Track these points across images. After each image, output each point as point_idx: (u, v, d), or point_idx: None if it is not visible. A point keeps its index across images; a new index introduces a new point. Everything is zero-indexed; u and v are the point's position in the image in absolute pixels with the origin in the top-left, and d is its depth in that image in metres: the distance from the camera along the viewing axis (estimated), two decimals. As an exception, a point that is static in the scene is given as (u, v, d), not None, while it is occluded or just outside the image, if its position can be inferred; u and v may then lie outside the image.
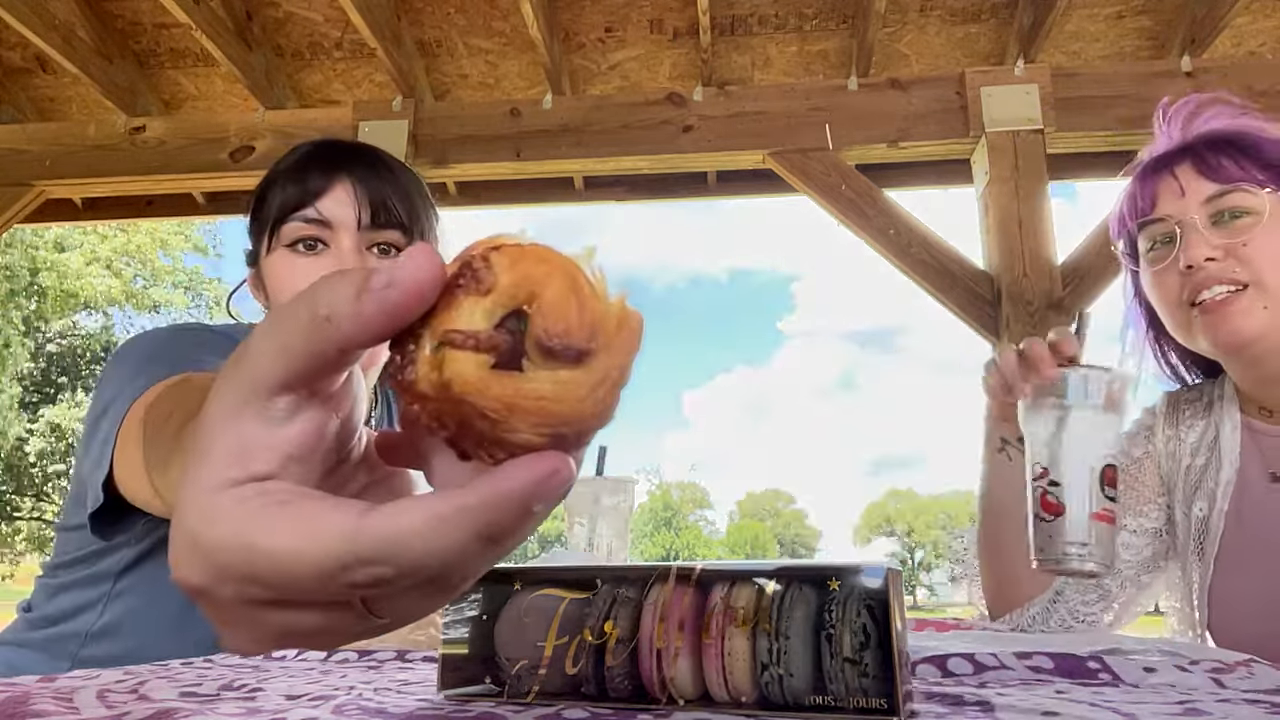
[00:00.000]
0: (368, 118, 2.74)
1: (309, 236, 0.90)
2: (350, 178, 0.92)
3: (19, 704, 0.39)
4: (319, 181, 0.91)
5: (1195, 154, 0.96)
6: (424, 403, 0.26)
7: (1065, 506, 0.77)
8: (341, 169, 0.92)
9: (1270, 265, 0.90)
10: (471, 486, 0.26)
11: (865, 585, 0.38)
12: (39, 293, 16.76)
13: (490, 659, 0.43)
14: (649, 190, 3.12)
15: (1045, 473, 0.79)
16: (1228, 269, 0.91)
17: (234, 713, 0.39)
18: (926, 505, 69.30)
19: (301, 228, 0.90)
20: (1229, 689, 0.49)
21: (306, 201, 0.90)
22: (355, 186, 0.91)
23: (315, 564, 0.26)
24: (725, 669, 0.39)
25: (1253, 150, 0.94)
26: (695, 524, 73.57)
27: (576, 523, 1.00)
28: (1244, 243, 0.91)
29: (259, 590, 0.27)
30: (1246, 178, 0.93)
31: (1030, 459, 0.82)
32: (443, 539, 0.25)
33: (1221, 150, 0.95)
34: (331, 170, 0.92)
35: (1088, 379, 0.79)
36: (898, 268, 2.49)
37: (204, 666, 0.58)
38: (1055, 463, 0.78)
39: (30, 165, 2.83)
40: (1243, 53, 2.62)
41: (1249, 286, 0.91)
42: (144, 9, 2.72)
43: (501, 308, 0.26)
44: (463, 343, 0.26)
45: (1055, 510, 0.78)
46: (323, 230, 0.91)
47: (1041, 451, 0.80)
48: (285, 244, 0.91)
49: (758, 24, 2.67)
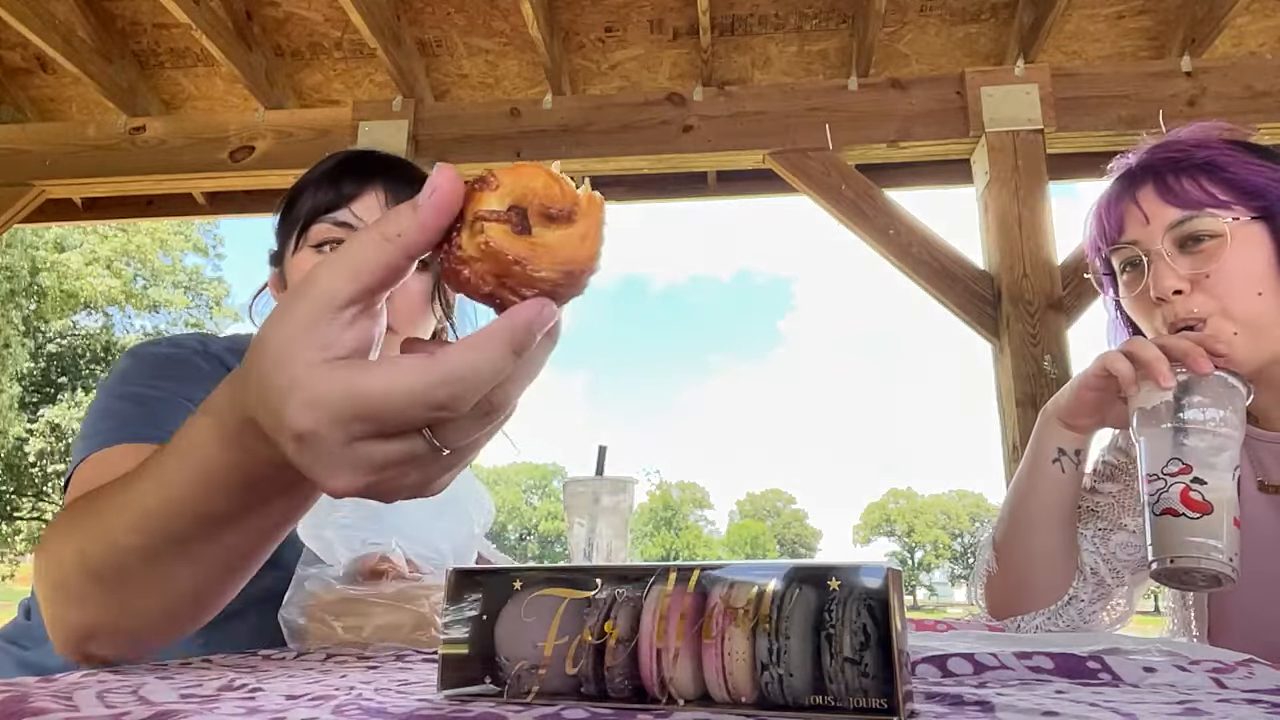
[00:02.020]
0: (368, 118, 2.74)
1: (337, 239, 0.93)
2: (382, 187, 0.95)
3: (19, 704, 0.39)
4: (352, 187, 0.94)
5: (1158, 176, 0.96)
6: (471, 264, 0.39)
7: (1212, 505, 0.76)
8: (375, 177, 0.95)
9: (1235, 293, 0.91)
10: (495, 321, 0.39)
11: (865, 585, 0.38)
12: (39, 293, 16.75)
13: (490, 659, 0.43)
14: (649, 190, 3.13)
15: (1187, 469, 0.78)
16: (1193, 304, 0.92)
17: (234, 713, 0.39)
18: (926, 505, 69.29)
19: (331, 229, 0.93)
20: (1229, 689, 0.49)
21: (338, 205, 0.93)
22: (386, 195, 0.95)
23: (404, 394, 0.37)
24: (725, 669, 0.39)
25: (1217, 171, 0.93)
26: (695, 524, 73.58)
27: (576, 523, 1.00)
28: (1207, 273, 0.91)
29: (360, 426, 0.38)
30: (1209, 201, 0.92)
31: (1157, 455, 0.81)
32: (484, 354, 0.38)
33: (1184, 172, 0.94)
34: (365, 178, 0.95)
35: (1235, 383, 0.80)
36: (898, 268, 2.49)
37: (203, 666, 0.58)
38: (1201, 461, 0.78)
39: (30, 165, 2.83)
40: (1243, 53, 2.62)
41: (1214, 316, 0.91)
42: (144, 9, 2.72)
43: (510, 197, 0.39)
44: (491, 217, 0.38)
45: (1201, 509, 0.77)
46: (350, 234, 0.93)
47: (1183, 449, 0.79)
48: (312, 244, 0.94)
49: (758, 24, 2.67)
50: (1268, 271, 0.91)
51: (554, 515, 66.39)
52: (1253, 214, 0.91)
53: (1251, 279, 0.91)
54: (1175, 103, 2.43)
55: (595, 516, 0.99)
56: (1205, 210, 0.92)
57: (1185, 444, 0.79)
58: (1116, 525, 1.05)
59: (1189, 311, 0.93)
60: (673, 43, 2.73)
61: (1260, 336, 0.91)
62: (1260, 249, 0.91)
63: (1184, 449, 0.79)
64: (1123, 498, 1.06)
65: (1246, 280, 0.91)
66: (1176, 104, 2.42)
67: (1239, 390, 0.81)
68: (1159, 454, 0.81)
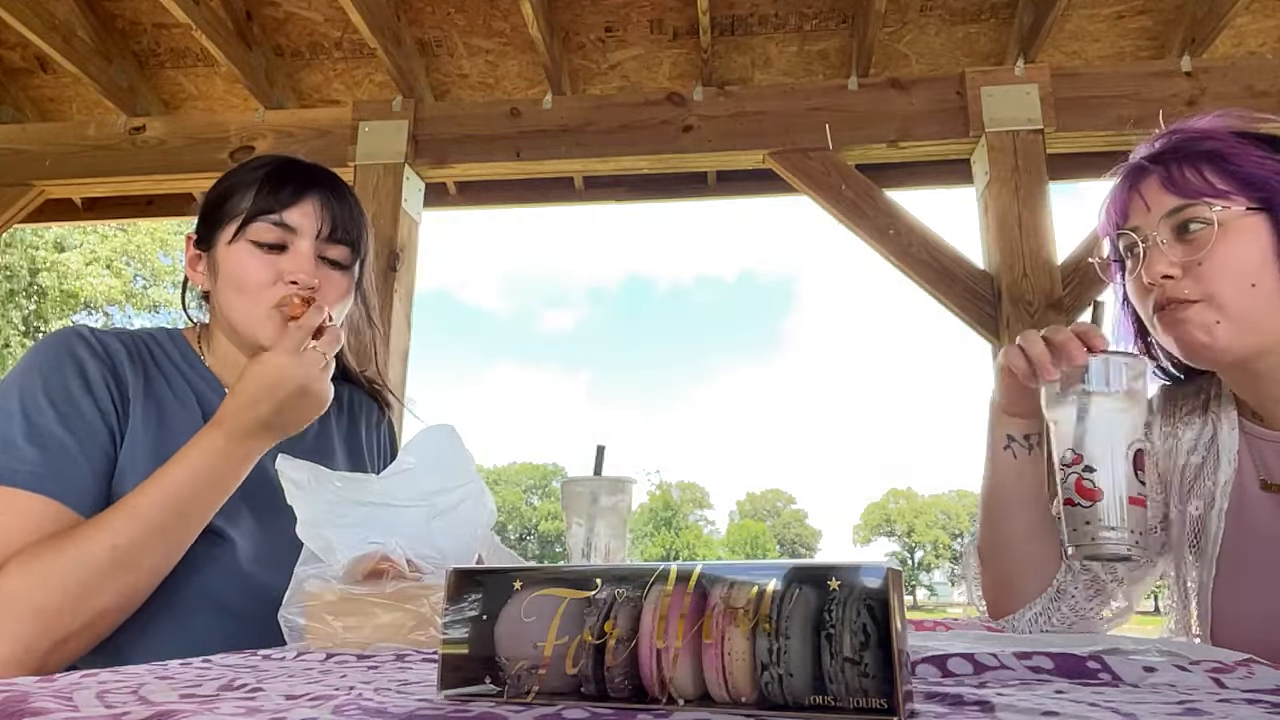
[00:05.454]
0: (368, 118, 2.73)
1: (275, 240, 1.03)
2: (319, 196, 1.06)
3: (19, 704, 0.39)
4: (292, 194, 1.05)
5: (1163, 165, 0.97)
6: None
7: (1102, 491, 0.78)
8: (313, 186, 1.06)
9: (1224, 281, 0.91)
10: None
11: (865, 585, 0.38)
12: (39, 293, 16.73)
13: (490, 659, 0.43)
14: (649, 190, 3.12)
15: (1079, 459, 0.80)
16: (1182, 288, 0.93)
17: (234, 713, 0.39)
18: (926, 505, 69.29)
19: (270, 229, 1.03)
20: (1229, 689, 0.49)
21: (279, 208, 1.03)
22: (320, 204, 1.06)
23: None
24: (725, 669, 0.39)
25: (1219, 161, 0.93)
26: (695, 524, 73.57)
27: (574, 523, 1.00)
28: (1199, 261, 0.92)
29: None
30: (1207, 190, 0.92)
31: (1059, 445, 0.82)
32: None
33: (1187, 161, 0.95)
34: (305, 186, 1.06)
35: (1118, 365, 0.81)
36: (898, 268, 2.49)
37: (203, 666, 0.58)
38: (1089, 448, 0.79)
39: (30, 165, 2.83)
40: (1243, 53, 2.62)
41: (1200, 302, 0.92)
42: (144, 9, 2.72)
43: None
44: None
45: (1092, 496, 0.78)
46: (287, 234, 1.04)
47: (1073, 438, 0.80)
48: (249, 239, 1.03)
49: (758, 24, 2.67)
50: (1263, 263, 0.91)
51: (554, 515, 66.37)
52: (1251, 205, 0.91)
53: (1244, 270, 0.91)
54: (1175, 103, 2.43)
55: (594, 516, 0.99)
56: (1202, 199, 0.92)
57: (1076, 433, 0.81)
58: None
59: (1178, 293, 0.93)
60: (673, 43, 2.73)
61: (1248, 327, 0.91)
62: (1256, 241, 0.91)
63: (1076, 438, 0.81)
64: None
65: (1239, 270, 0.91)
66: (1176, 104, 2.42)
67: (1126, 369, 0.81)
68: (1059, 445, 0.83)
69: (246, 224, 1.03)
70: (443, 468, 0.93)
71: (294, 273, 1.01)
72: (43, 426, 0.90)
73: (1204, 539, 0.99)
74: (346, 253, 1.08)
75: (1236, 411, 1.02)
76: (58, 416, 0.91)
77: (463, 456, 0.96)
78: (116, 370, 0.98)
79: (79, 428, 0.92)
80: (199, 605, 0.94)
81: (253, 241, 1.03)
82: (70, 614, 0.82)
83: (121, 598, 0.86)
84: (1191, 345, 0.94)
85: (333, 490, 0.85)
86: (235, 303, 1.02)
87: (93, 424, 0.93)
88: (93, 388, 0.95)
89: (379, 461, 1.25)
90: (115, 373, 0.98)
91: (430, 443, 0.96)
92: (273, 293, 1.01)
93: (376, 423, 1.28)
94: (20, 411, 0.90)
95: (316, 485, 0.84)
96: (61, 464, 0.89)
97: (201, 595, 0.94)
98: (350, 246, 1.08)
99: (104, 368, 0.97)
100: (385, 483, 0.89)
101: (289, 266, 1.01)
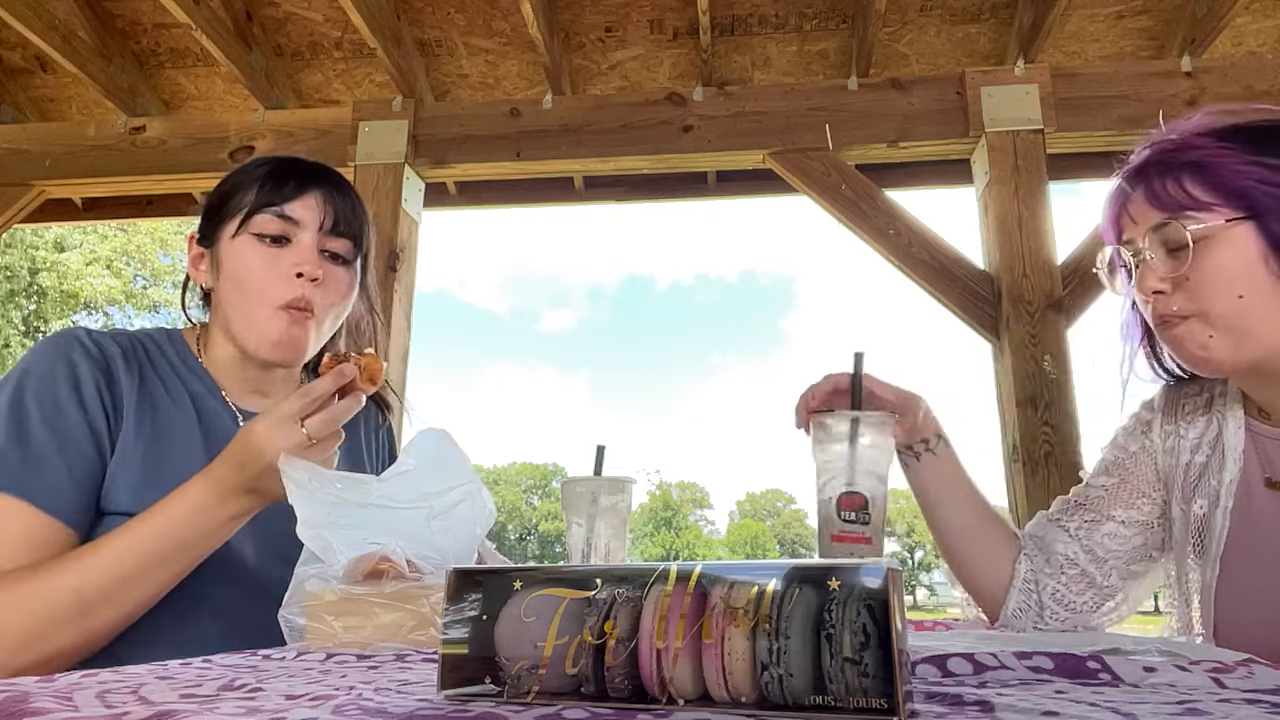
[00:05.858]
0: (368, 118, 2.73)
1: (278, 232, 1.04)
2: (321, 190, 1.07)
3: (19, 704, 0.39)
4: (294, 188, 1.06)
5: (1147, 178, 0.97)
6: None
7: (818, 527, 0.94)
8: (315, 181, 1.08)
9: (1212, 295, 0.91)
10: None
11: (865, 585, 0.38)
12: (39, 293, 16.72)
13: (490, 659, 0.43)
14: (649, 190, 3.12)
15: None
16: (1172, 303, 0.94)
17: (234, 713, 0.39)
18: (926, 505, 69.05)
19: (273, 221, 1.04)
20: (1229, 689, 0.49)
21: (281, 201, 1.04)
22: (323, 198, 1.07)
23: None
24: (725, 669, 0.39)
25: (1202, 172, 0.92)
26: (695, 524, 73.56)
27: (574, 523, 1.00)
28: (1186, 276, 0.92)
29: None
30: (1189, 203, 0.92)
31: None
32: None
33: (1170, 173, 0.94)
34: (306, 180, 1.07)
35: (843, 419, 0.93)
36: (898, 268, 2.49)
37: (203, 667, 0.58)
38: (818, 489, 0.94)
39: (30, 165, 2.83)
40: (1243, 53, 2.62)
41: (1192, 318, 0.92)
42: (144, 9, 2.72)
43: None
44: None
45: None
46: (289, 227, 1.04)
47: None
48: (253, 232, 1.04)
49: (758, 24, 2.67)
50: (1250, 273, 0.89)
51: (554, 515, 66.35)
52: (1233, 215, 0.90)
53: (1230, 281, 0.90)
54: (1175, 103, 2.42)
55: (593, 516, 0.99)
56: (1183, 213, 0.92)
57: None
58: (1105, 516, 1.09)
59: (1169, 309, 0.94)
60: (673, 43, 2.73)
61: (1242, 338, 0.90)
62: (1240, 251, 0.90)
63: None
64: (1117, 491, 1.09)
65: (1225, 283, 0.90)
66: (1176, 104, 2.42)
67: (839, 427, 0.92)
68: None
69: (249, 217, 1.03)
70: (441, 469, 0.93)
71: (299, 265, 1.01)
72: (25, 429, 0.90)
73: (1208, 538, 0.99)
74: (349, 246, 1.08)
75: (1243, 409, 1.02)
76: (42, 420, 0.91)
77: (459, 457, 0.96)
78: (111, 374, 0.98)
79: (61, 432, 0.92)
80: (199, 605, 0.94)
81: (256, 235, 1.03)
82: (25, 651, 0.81)
83: (81, 640, 0.84)
84: (1191, 360, 0.95)
85: (333, 491, 0.85)
86: (237, 298, 1.03)
87: (76, 430, 0.92)
88: (83, 394, 0.94)
89: (378, 464, 1.25)
90: (110, 377, 0.98)
91: (428, 445, 0.96)
92: (276, 289, 1.01)
93: (377, 425, 1.28)
94: (5, 414, 0.91)
95: (317, 486, 0.84)
96: (39, 466, 0.89)
97: (201, 595, 0.94)
98: (352, 240, 1.09)
99: (98, 373, 0.97)
100: (385, 485, 0.89)
101: (292, 259, 1.02)
